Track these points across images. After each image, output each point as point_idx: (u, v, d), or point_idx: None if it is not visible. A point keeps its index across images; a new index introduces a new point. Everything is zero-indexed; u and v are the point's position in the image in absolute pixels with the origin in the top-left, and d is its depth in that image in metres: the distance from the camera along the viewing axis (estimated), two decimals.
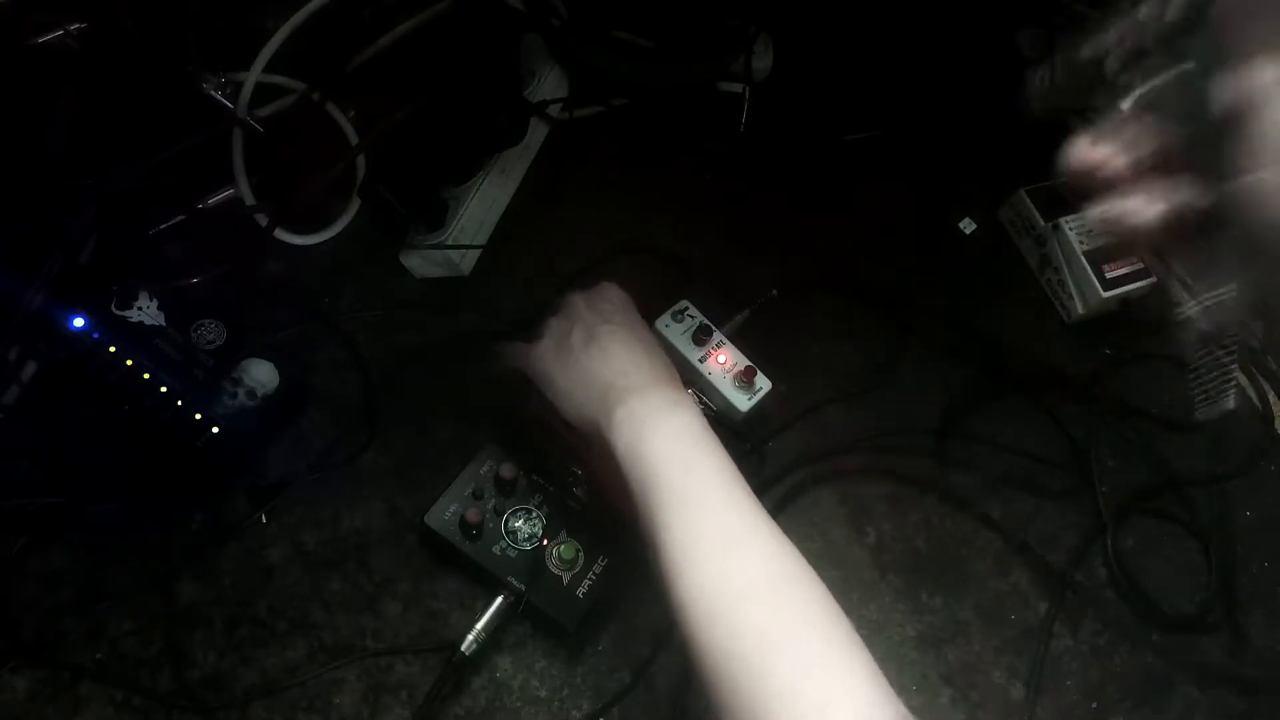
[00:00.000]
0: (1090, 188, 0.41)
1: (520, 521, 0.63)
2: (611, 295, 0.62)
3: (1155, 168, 0.40)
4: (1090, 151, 0.41)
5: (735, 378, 0.68)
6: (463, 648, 0.59)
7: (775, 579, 0.47)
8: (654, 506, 0.49)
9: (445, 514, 0.62)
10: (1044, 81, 0.46)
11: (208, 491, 0.64)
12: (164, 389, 0.61)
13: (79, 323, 0.62)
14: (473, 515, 0.61)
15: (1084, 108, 0.43)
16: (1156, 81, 0.40)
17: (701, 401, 0.69)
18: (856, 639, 0.45)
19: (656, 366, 0.58)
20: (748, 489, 0.50)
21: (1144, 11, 0.40)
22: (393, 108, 0.68)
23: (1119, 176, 0.40)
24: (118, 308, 0.63)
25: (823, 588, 0.47)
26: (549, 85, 0.79)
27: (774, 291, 0.76)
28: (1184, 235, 0.40)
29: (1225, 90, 0.37)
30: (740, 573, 0.46)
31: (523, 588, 0.60)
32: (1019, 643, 0.67)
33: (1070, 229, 0.79)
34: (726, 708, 0.43)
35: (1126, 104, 0.40)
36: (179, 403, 0.61)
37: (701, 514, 0.49)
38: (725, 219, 0.81)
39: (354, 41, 0.72)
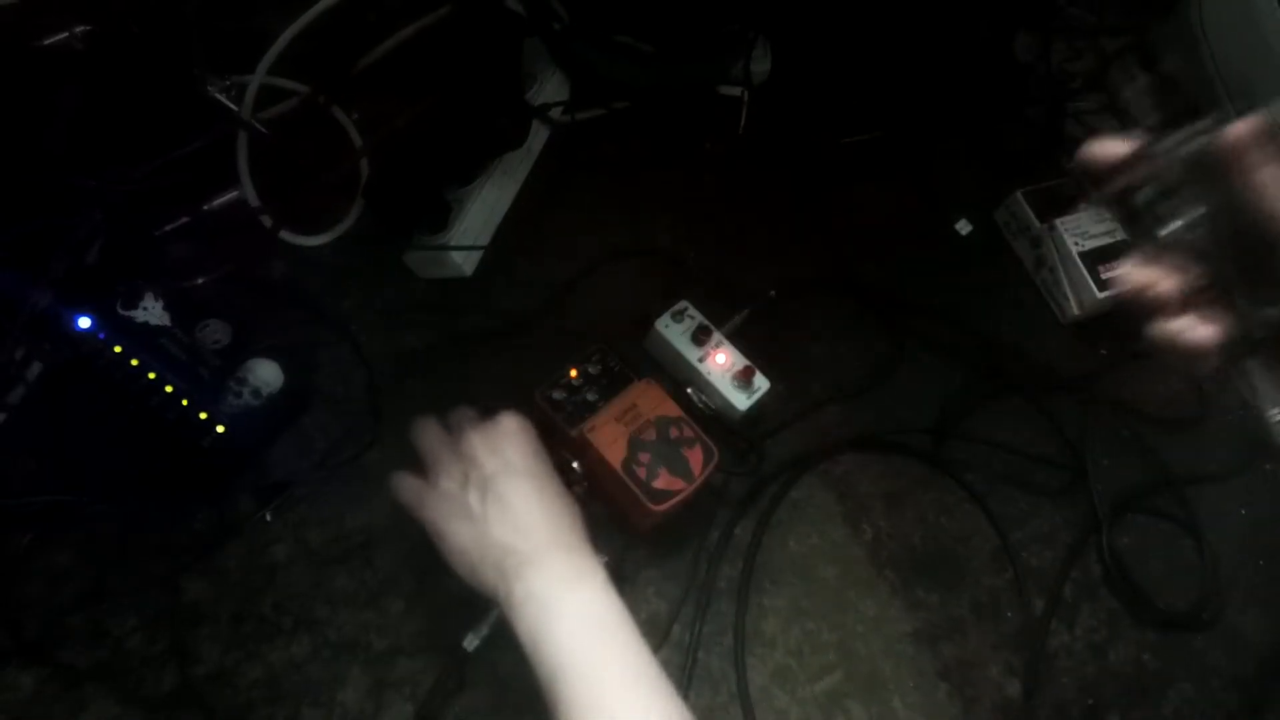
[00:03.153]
0: (1142, 307, 0.44)
1: None
2: (510, 428, 0.56)
3: (1200, 291, 0.42)
4: (1137, 274, 0.43)
5: (734, 377, 0.69)
6: (465, 644, 0.59)
7: None
8: (556, 689, 0.46)
9: None
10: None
11: (213, 490, 0.65)
12: (169, 388, 0.62)
13: (85, 323, 0.62)
14: None
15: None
16: (1182, 220, 0.42)
17: (700, 401, 0.70)
18: None
19: (557, 521, 0.52)
20: (653, 669, 0.48)
21: (1163, 147, 0.42)
22: (396, 111, 0.69)
23: (1167, 299, 0.43)
24: (123, 308, 0.64)
25: None
26: (551, 89, 0.80)
27: (773, 292, 0.77)
28: (1237, 354, 0.42)
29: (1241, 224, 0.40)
30: None
31: None
32: (1015, 639, 0.68)
33: (1065, 230, 0.80)
34: None
35: (1162, 233, 0.43)
36: (184, 402, 0.62)
37: (604, 700, 0.46)
38: (725, 220, 0.82)
39: (358, 45, 0.73)
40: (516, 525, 0.51)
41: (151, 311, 0.64)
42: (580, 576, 0.50)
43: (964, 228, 0.86)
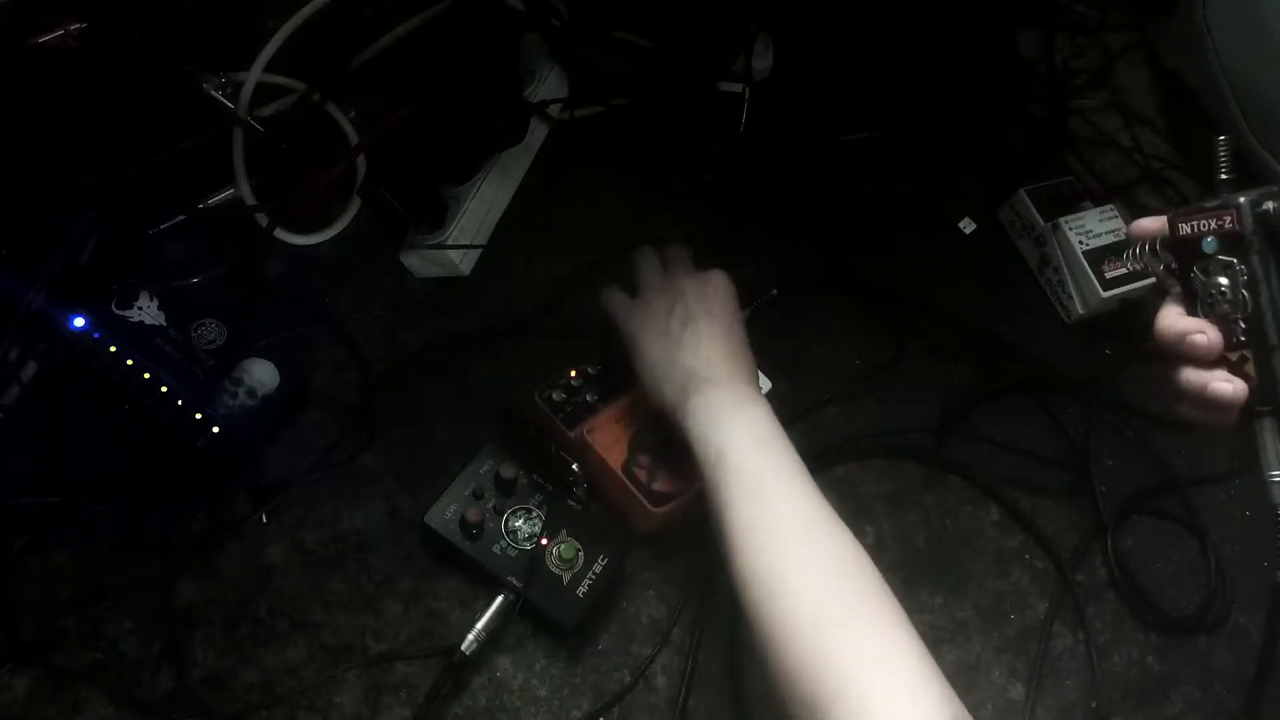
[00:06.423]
0: (1178, 354, 0.45)
1: (520, 521, 0.63)
2: (719, 283, 0.63)
3: (1236, 348, 0.44)
4: (1181, 321, 0.45)
5: None
6: (463, 647, 0.59)
7: (835, 565, 0.48)
8: (720, 485, 0.51)
9: (445, 513, 0.62)
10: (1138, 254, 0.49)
11: (208, 491, 0.64)
12: (164, 389, 0.61)
13: (79, 322, 0.62)
14: (473, 515, 0.61)
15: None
16: (1244, 275, 0.43)
17: None
18: (913, 632, 0.46)
19: (741, 364, 0.59)
20: (812, 482, 0.52)
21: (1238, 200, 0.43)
22: (393, 108, 0.68)
23: (1205, 350, 0.44)
24: (118, 307, 0.63)
25: (880, 578, 0.48)
26: (549, 85, 0.79)
27: (774, 291, 0.76)
28: (1255, 412, 0.44)
29: None
30: (802, 555, 0.48)
31: (522, 587, 0.61)
32: (1018, 642, 0.67)
33: (1070, 229, 0.79)
34: (785, 694, 0.44)
35: (1219, 284, 0.44)
36: (179, 402, 0.61)
37: (767, 498, 0.50)
38: (725, 219, 0.81)
39: (354, 42, 0.72)
40: (705, 356, 0.58)
41: (146, 311, 0.64)
42: (752, 400, 0.56)
43: (967, 226, 0.86)
